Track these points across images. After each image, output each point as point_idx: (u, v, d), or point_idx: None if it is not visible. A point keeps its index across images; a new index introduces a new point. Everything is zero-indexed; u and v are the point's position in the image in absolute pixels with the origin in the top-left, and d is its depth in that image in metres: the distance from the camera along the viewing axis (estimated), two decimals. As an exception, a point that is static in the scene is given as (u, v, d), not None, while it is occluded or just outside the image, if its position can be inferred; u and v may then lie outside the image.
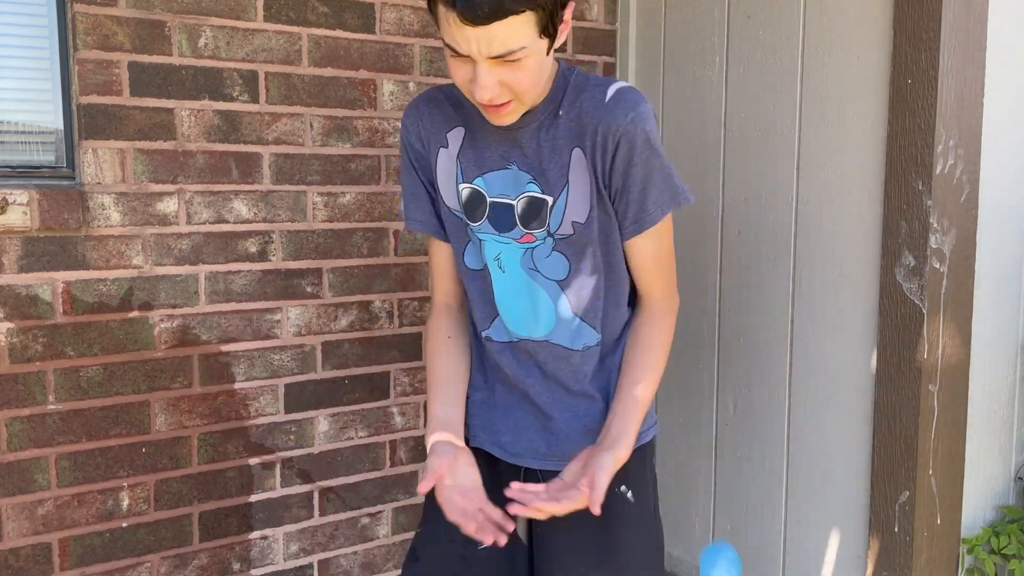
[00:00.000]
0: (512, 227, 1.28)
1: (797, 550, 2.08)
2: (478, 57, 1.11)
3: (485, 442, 1.38)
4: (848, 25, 1.88)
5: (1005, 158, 1.92)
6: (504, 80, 1.14)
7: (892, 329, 1.81)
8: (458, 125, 1.31)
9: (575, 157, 1.24)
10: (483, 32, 1.08)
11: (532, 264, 1.29)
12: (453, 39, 1.11)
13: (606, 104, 1.22)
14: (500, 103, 1.16)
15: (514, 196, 1.27)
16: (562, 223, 1.26)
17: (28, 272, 1.78)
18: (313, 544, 2.16)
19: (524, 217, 1.27)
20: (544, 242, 1.28)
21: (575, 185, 1.25)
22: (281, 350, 2.07)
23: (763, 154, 2.09)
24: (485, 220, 1.29)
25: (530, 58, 1.14)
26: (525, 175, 1.26)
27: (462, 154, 1.29)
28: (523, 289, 1.30)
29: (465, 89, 1.17)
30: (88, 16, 1.79)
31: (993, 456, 2.01)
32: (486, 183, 1.28)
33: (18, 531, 1.81)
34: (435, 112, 1.32)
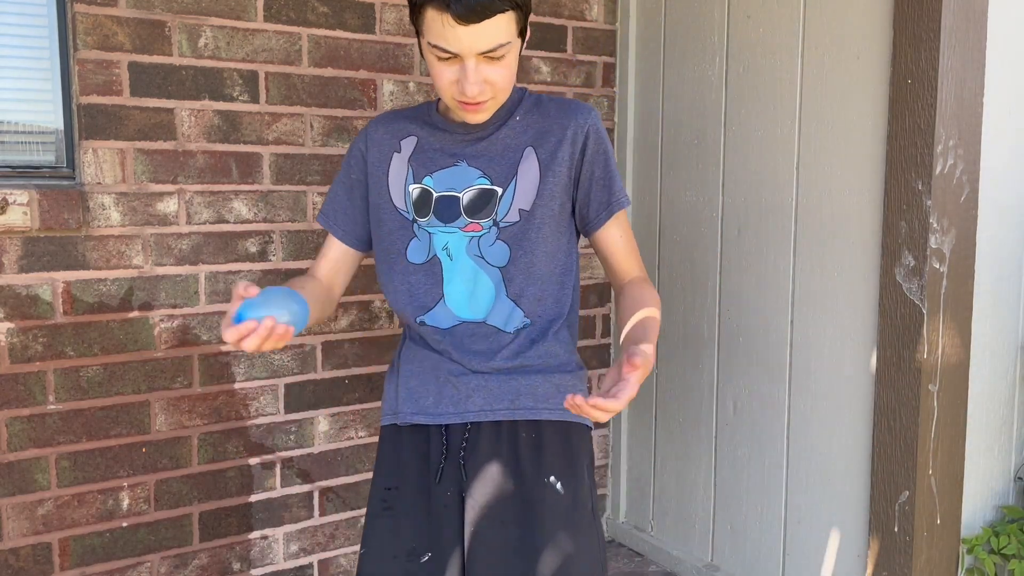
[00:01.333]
0: (456, 217, 1.39)
1: (797, 550, 2.08)
2: (468, 54, 1.24)
3: (408, 415, 1.44)
4: (848, 25, 1.89)
5: (1005, 158, 1.92)
6: (487, 77, 1.27)
7: (892, 329, 1.81)
8: (410, 134, 1.45)
9: (526, 155, 1.39)
10: (474, 30, 1.21)
11: (478, 251, 1.40)
12: (443, 39, 1.23)
13: (569, 108, 1.40)
14: (479, 100, 1.29)
15: (460, 189, 1.39)
16: (509, 211, 1.38)
17: (28, 272, 1.78)
18: (313, 544, 2.16)
19: (470, 208, 1.39)
20: (489, 231, 1.39)
21: (523, 177, 1.38)
22: (281, 350, 2.07)
23: (763, 154, 2.09)
24: (431, 215, 1.40)
25: (510, 55, 1.28)
26: (474, 171, 1.39)
27: (413, 158, 1.43)
28: (469, 274, 1.41)
29: (448, 91, 1.29)
30: (88, 16, 1.79)
31: (993, 456, 2.01)
32: (434, 180, 1.40)
33: (18, 531, 1.81)
34: (392, 123, 1.47)
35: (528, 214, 1.38)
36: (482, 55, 1.25)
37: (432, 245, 1.41)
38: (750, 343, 2.15)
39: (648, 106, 2.44)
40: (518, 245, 1.39)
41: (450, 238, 1.40)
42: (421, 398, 1.45)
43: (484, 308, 1.42)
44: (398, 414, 1.46)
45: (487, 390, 1.42)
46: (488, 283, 1.40)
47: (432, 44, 1.25)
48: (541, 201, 1.38)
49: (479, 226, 1.39)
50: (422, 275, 1.43)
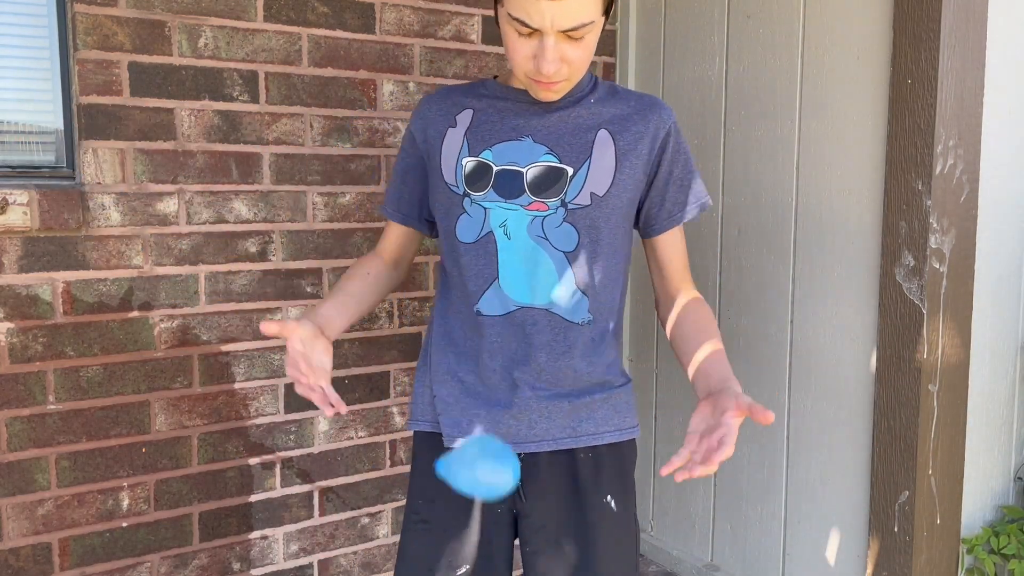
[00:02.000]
0: (520, 193, 1.32)
1: (797, 550, 2.08)
2: (549, 30, 1.18)
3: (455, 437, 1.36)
4: (848, 25, 1.89)
5: (1005, 158, 1.92)
6: (565, 56, 1.22)
7: (892, 329, 1.81)
8: (467, 108, 1.38)
9: (600, 137, 1.33)
10: (560, 6, 1.16)
11: (542, 232, 1.32)
12: (526, 13, 1.17)
13: (652, 103, 1.35)
14: (554, 79, 1.24)
15: (524, 164, 1.32)
16: (580, 193, 1.31)
17: (28, 272, 1.78)
18: (313, 544, 2.16)
19: (535, 185, 1.31)
20: (556, 212, 1.31)
21: (597, 160, 1.32)
22: (281, 350, 2.07)
23: (763, 154, 2.09)
24: (490, 188, 1.33)
25: (591, 34, 1.22)
26: (540, 147, 1.32)
27: (470, 131, 1.36)
28: (528, 255, 1.32)
29: (523, 66, 1.23)
30: (88, 16, 1.79)
31: (993, 456, 2.01)
32: (494, 154, 1.33)
33: (18, 531, 1.81)
34: (446, 98, 1.41)
35: (600, 200, 1.31)
36: (563, 33, 1.19)
37: (487, 221, 1.33)
38: (750, 343, 2.15)
39: (648, 106, 2.44)
40: (587, 231, 1.32)
41: (510, 215, 1.32)
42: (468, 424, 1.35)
43: (547, 292, 1.32)
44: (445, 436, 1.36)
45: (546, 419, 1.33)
46: (551, 266, 1.32)
47: (513, 17, 1.19)
48: (615, 189, 1.32)
49: (545, 205, 1.31)
50: (473, 255, 1.34)
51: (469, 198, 1.33)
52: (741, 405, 1.11)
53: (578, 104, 1.34)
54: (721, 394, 1.17)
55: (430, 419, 1.40)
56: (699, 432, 1.15)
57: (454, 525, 1.37)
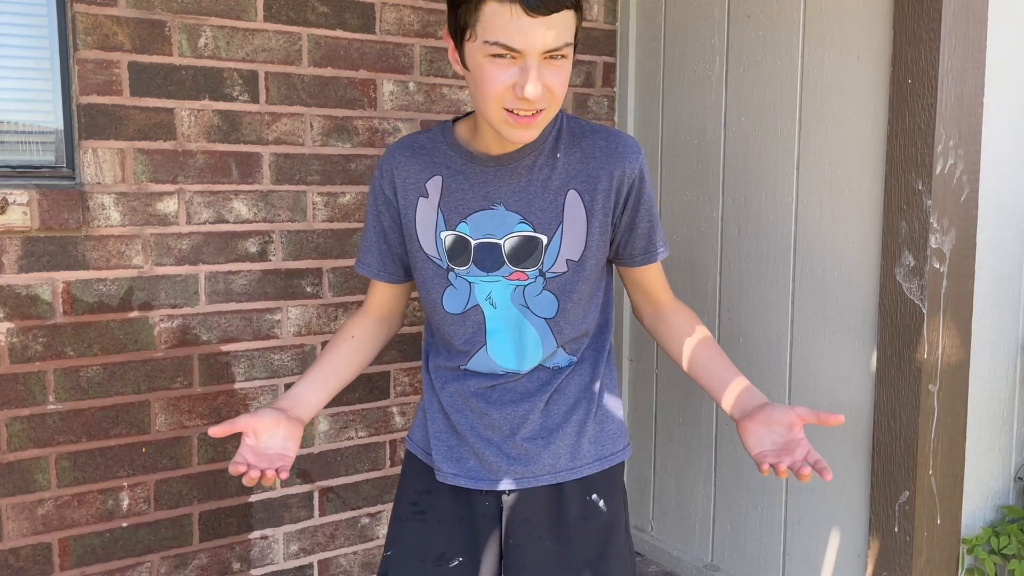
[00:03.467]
0: (500, 265, 1.30)
1: (797, 550, 2.08)
2: (533, 51, 1.13)
3: (449, 475, 1.38)
4: (848, 25, 1.88)
5: (1005, 158, 1.92)
6: (548, 83, 1.16)
7: (892, 329, 1.81)
8: (435, 174, 1.32)
9: (570, 198, 1.28)
10: (543, 23, 1.11)
11: (523, 301, 1.32)
12: (506, 34, 1.12)
13: (616, 151, 1.29)
14: (534, 109, 1.17)
15: (500, 236, 1.29)
16: (556, 261, 1.30)
17: (28, 272, 1.78)
18: (313, 544, 2.16)
19: (513, 256, 1.30)
20: (535, 281, 1.31)
21: (569, 225, 1.29)
22: (281, 350, 2.07)
23: (763, 154, 2.09)
24: (471, 264, 1.31)
25: (568, 61, 1.18)
26: (513, 215, 1.29)
27: (443, 202, 1.31)
28: (514, 325, 1.33)
29: (501, 99, 1.16)
30: (88, 16, 1.79)
31: (993, 456, 2.01)
32: (470, 226, 1.30)
33: (18, 531, 1.81)
34: (412, 161, 1.34)
35: (577, 264, 1.30)
36: (547, 54, 1.14)
37: (473, 294, 1.33)
38: (750, 343, 2.15)
39: (648, 106, 2.44)
40: (567, 296, 1.32)
41: (493, 287, 1.32)
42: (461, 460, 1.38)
43: (533, 358, 1.34)
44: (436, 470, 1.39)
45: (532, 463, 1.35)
46: (534, 335, 1.33)
47: (491, 41, 1.13)
48: (589, 251, 1.30)
49: (524, 275, 1.30)
50: (460, 325, 1.35)
51: (454, 272, 1.33)
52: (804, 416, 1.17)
53: (545, 159, 1.28)
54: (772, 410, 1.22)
55: (423, 447, 1.43)
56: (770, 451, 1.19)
57: (448, 517, 1.38)
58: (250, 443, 1.19)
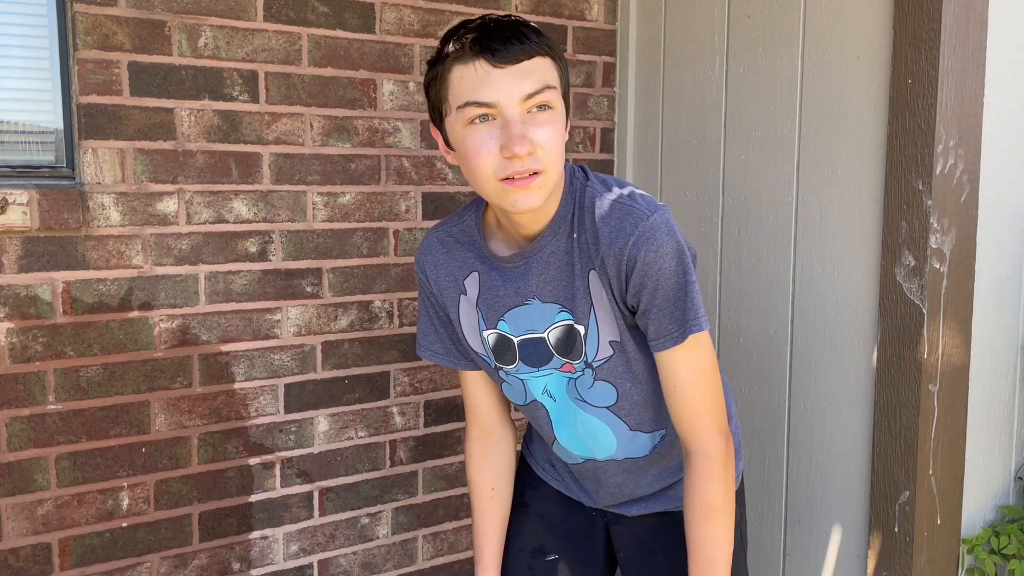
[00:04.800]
0: (549, 359, 1.22)
1: (797, 550, 2.08)
2: (509, 102, 1.06)
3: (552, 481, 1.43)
4: (848, 25, 1.88)
5: (1005, 158, 1.92)
6: (534, 139, 1.07)
7: (892, 329, 1.81)
8: (473, 271, 1.25)
9: (592, 279, 1.18)
10: (514, 71, 1.06)
11: (578, 395, 1.24)
12: (477, 92, 1.06)
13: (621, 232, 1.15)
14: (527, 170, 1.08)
15: (543, 329, 1.21)
16: (599, 348, 1.20)
17: (28, 272, 1.78)
18: (313, 544, 2.16)
19: (560, 348, 1.21)
20: (583, 374, 1.22)
21: (599, 306, 1.18)
22: (281, 350, 2.07)
23: (763, 154, 2.09)
24: (519, 362, 1.24)
25: (555, 114, 1.10)
26: (552, 305, 1.20)
27: (480, 300, 1.24)
28: (575, 419, 1.27)
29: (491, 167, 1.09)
30: (88, 16, 1.79)
31: (993, 456, 2.01)
32: (509, 324, 1.23)
33: (18, 531, 1.81)
34: (449, 259, 1.27)
35: (620, 344, 1.19)
36: (527, 105, 1.07)
37: (528, 390, 1.26)
38: (750, 343, 2.15)
39: (648, 106, 2.44)
40: (622, 380, 1.21)
41: (547, 380, 1.24)
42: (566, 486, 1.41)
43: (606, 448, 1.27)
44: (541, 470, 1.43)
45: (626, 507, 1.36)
46: (601, 427, 1.25)
47: (465, 103, 1.07)
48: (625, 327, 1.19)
49: (572, 368, 1.22)
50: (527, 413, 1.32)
51: (503, 370, 1.27)
52: None
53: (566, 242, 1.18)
54: None
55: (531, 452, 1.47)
56: None
57: (551, 514, 1.41)
58: None
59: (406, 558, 2.29)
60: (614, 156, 2.53)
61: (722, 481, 1.15)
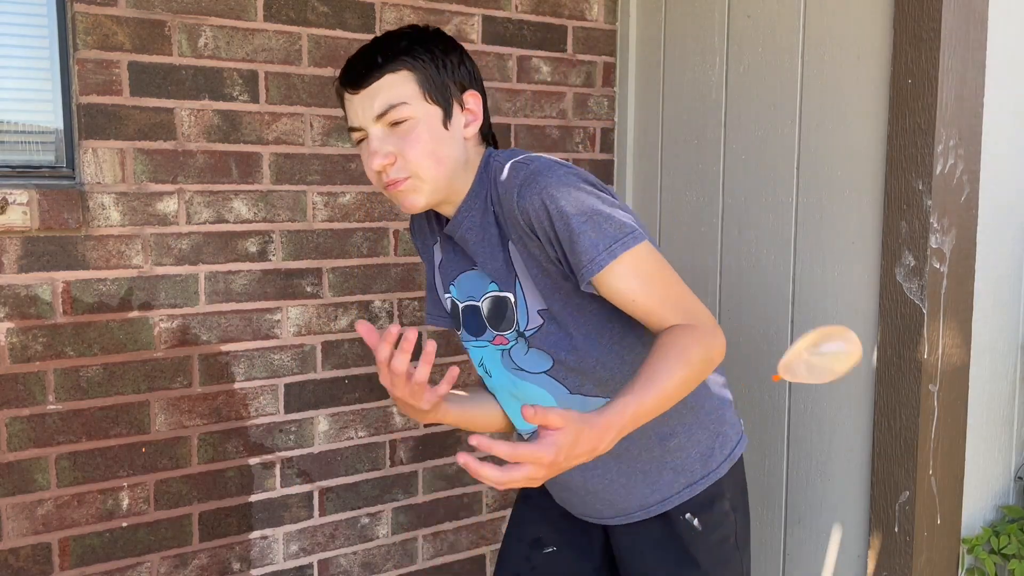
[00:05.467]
0: (483, 330, 1.24)
1: (797, 550, 2.08)
2: (365, 122, 1.15)
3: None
4: (848, 25, 1.88)
5: (1005, 158, 1.92)
6: (396, 150, 1.14)
7: (892, 329, 1.81)
8: (437, 239, 1.34)
9: (512, 250, 1.19)
10: (365, 95, 1.14)
11: (513, 364, 1.25)
12: (350, 118, 1.18)
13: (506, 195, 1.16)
14: (395, 178, 1.15)
15: (479, 297, 1.25)
16: (528, 317, 1.20)
17: (28, 272, 1.78)
18: (313, 544, 2.16)
19: (492, 319, 1.23)
20: (517, 343, 1.22)
21: (523, 277, 1.19)
22: (281, 350, 2.07)
23: (763, 154, 2.09)
24: (463, 328, 1.28)
25: (419, 125, 1.14)
26: (483, 275, 1.23)
27: (441, 265, 1.33)
28: (514, 390, 1.27)
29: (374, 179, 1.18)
30: (88, 16, 1.79)
31: (993, 456, 2.01)
32: (457, 289, 1.29)
33: (18, 531, 1.81)
34: (422, 227, 1.38)
35: (548, 313, 1.19)
36: (380, 121, 1.13)
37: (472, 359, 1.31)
38: (750, 343, 2.15)
39: (648, 106, 2.44)
40: (556, 348, 1.20)
41: (484, 352, 1.27)
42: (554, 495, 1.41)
43: None
44: None
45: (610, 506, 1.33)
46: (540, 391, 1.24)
47: (348, 127, 1.19)
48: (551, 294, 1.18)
49: (504, 339, 1.23)
50: None
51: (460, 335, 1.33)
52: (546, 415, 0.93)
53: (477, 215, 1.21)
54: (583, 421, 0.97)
55: None
56: None
57: (551, 507, 1.42)
58: None
59: (406, 558, 2.29)
60: (614, 156, 2.53)
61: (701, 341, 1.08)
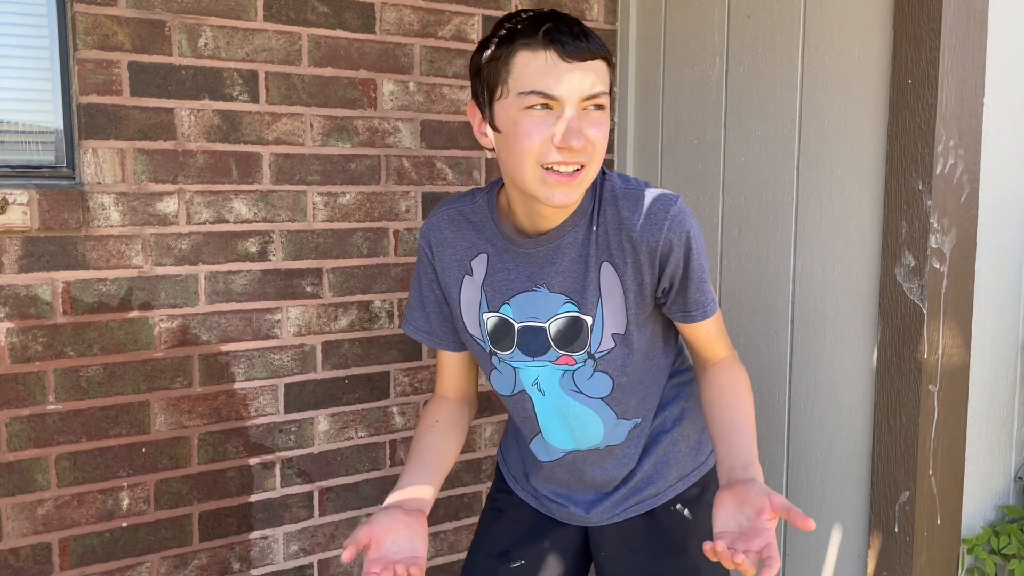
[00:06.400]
0: (546, 350, 1.24)
1: (797, 550, 2.08)
2: (571, 98, 1.09)
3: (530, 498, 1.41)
4: (848, 25, 1.88)
5: (1005, 158, 1.92)
6: (588, 135, 1.11)
7: (892, 329, 1.81)
8: (481, 252, 1.26)
9: (604, 272, 1.21)
10: (581, 68, 1.09)
11: (574, 386, 1.25)
12: (543, 82, 1.08)
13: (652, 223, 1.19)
14: (580, 163, 1.12)
15: (545, 319, 1.22)
16: (602, 339, 1.22)
17: (28, 272, 1.78)
18: (313, 544, 2.16)
19: (560, 340, 1.23)
20: (584, 364, 1.24)
21: (608, 299, 1.21)
22: (281, 350, 2.07)
23: (763, 154, 2.09)
24: (515, 348, 1.25)
25: (606, 114, 1.14)
26: (558, 296, 1.22)
27: (487, 282, 1.25)
28: (567, 410, 1.27)
29: (539, 153, 1.11)
30: (88, 16, 1.79)
31: (993, 456, 2.01)
32: (513, 308, 1.24)
33: (18, 531, 1.81)
34: (458, 238, 1.28)
35: (623, 338, 1.22)
36: (585, 103, 1.11)
37: (518, 379, 1.28)
38: (750, 343, 2.15)
39: (648, 106, 2.44)
40: (620, 371, 1.24)
41: (540, 372, 1.25)
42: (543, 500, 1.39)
43: (592, 438, 1.29)
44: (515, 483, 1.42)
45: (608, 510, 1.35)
46: (593, 417, 1.27)
47: (527, 91, 1.09)
48: (632, 324, 1.22)
49: (572, 360, 1.23)
50: (512, 405, 1.32)
51: (496, 356, 1.27)
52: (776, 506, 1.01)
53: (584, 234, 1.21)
54: (748, 489, 1.05)
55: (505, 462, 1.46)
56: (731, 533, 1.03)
57: (521, 520, 1.40)
58: (373, 556, 1.09)
59: (406, 558, 2.29)
60: (614, 156, 2.53)
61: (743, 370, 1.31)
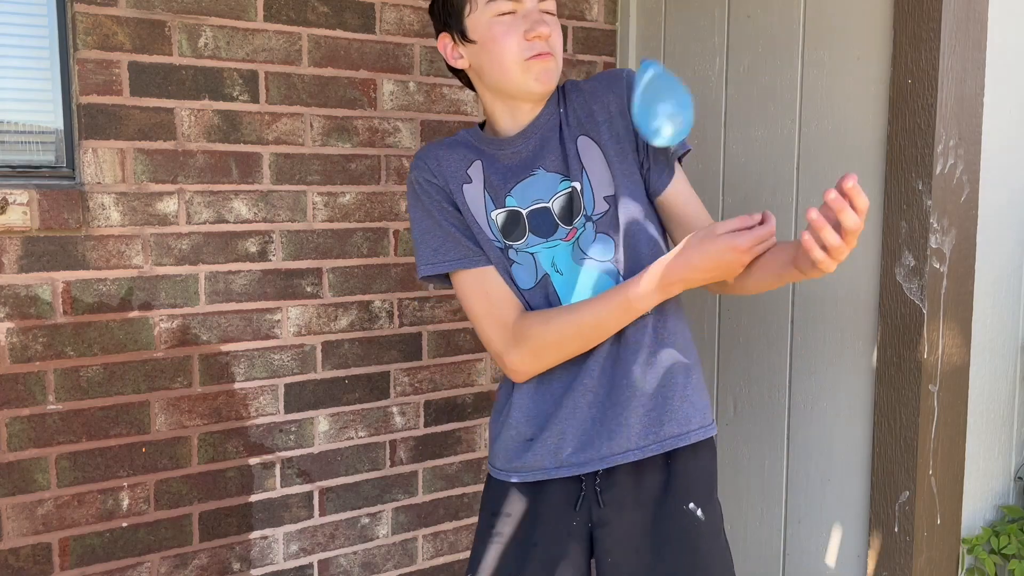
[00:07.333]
0: (555, 228, 1.34)
1: (797, 550, 2.08)
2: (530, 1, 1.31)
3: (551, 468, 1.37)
4: (848, 25, 1.88)
5: (1005, 158, 1.92)
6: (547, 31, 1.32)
7: (892, 329, 1.81)
8: (475, 159, 1.38)
9: (581, 143, 1.35)
10: None
11: (582, 253, 1.34)
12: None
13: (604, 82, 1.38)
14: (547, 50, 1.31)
15: (548, 198, 1.34)
16: (595, 203, 1.34)
17: (28, 272, 1.78)
18: (313, 544, 2.16)
19: (564, 215, 1.34)
20: (586, 228, 1.34)
21: (591, 166, 1.35)
22: (281, 350, 2.07)
23: (763, 154, 2.09)
24: (528, 234, 1.34)
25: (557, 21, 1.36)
26: (555, 175, 1.35)
27: (487, 183, 1.37)
28: (583, 282, 1.34)
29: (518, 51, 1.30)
30: (88, 16, 1.79)
31: (993, 456, 2.01)
32: (516, 198, 1.35)
33: (18, 531, 1.81)
34: (449, 153, 1.40)
35: (613, 199, 1.34)
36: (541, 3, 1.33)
37: (539, 265, 1.34)
38: (750, 343, 2.15)
39: (648, 106, 2.44)
40: (617, 231, 1.33)
41: (555, 252, 1.34)
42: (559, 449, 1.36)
43: None
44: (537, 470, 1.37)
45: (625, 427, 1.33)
46: (604, 279, 1.33)
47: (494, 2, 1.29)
48: (621, 183, 1.33)
49: (576, 229, 1.34)
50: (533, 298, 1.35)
51: (513, 249, 1.35)
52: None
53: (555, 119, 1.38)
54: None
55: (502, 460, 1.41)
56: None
57: (521, 540, 1.39)
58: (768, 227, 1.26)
59: (406, 558, 2.29)
60: (614, 156, 2.53)
61: None
